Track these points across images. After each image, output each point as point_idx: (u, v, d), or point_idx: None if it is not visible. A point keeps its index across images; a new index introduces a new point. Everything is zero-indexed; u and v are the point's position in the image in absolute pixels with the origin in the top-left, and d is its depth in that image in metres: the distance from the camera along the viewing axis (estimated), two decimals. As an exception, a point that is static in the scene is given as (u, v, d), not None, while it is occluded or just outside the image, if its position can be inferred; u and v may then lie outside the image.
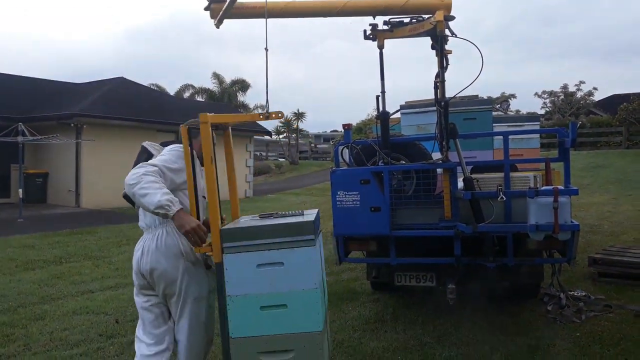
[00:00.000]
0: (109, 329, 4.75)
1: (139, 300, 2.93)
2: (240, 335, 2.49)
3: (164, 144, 3.07)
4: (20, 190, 12.96)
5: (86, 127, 15.43)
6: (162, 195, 2.58)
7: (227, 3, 3.64)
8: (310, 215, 2.68)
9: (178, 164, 2.81)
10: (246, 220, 2.87)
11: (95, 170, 15.54)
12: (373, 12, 4.07)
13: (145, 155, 2.99)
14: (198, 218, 2.73)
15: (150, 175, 2.63)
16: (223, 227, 2.63)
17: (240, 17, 3.89)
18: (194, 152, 2.83)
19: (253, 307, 2.47)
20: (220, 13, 3.72)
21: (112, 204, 15.55)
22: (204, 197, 2.92)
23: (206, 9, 3.78)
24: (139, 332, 2.92)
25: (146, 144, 3.10)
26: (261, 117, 3.09)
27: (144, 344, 2.85)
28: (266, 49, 3.09)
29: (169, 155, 2.85)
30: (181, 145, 2.80)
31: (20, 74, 19.69)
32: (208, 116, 2.66)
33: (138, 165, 2.72)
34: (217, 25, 3.83)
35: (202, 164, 2.83)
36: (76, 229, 11.23)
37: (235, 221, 2.96)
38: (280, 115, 3.05)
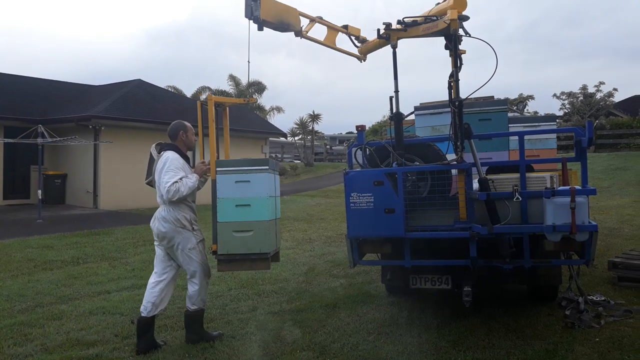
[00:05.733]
0: (124, 329, 4.78)
1: (156, 247, 4.40)
2: (223, 220, 4.17)
3: (159, 145, 4.47)
4: (40, 192, 13.16)
5: (104, 129, 15.64)
6: (190, 180, 4.24)
7: None
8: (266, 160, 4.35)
9: (179, 170, 4.25)
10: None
11: (113, 172, 15.72)
12: None
13: (152, 161, 4.43)
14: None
15: (176, 183, 4.17)
16: (217, 160, 4.30)
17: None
18: (184, 146, 4.46)
19: (231, 205, 4.15)
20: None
21: (129, 205, 15.71)
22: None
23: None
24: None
25: (152, 148, 4.48)
26: (244, 101, 5.13)
27: (153, 274, 4.37)
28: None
29: (170, 172, 4.20)
30: (170, 157, 4.25)
31: (39, 76, 20.04)
32: (212, 96, 4.48)
33: (165, 183, 4.16)
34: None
35: (185, 154, 4.46)
36: (94, 229, 11.37)
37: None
38: (254, 99, 4.89)
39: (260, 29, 4.36)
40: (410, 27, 4.27)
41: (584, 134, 4.03)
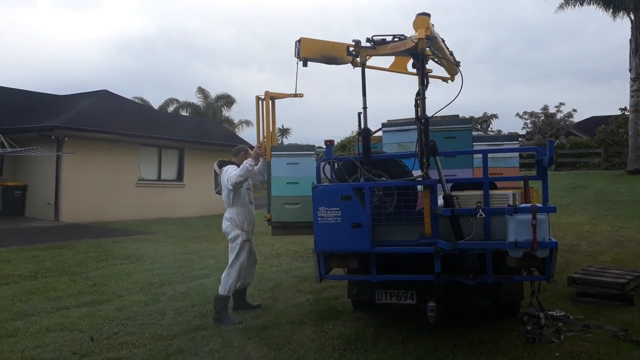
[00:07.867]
0: (83, 347, 4.64)
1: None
2: (277, 194, 5.06)
3: (220, 163, 5.64)
4: (-3, 203, 12.71)
5: (67, 140, 15.25)
6: (245, 165, 5.25)
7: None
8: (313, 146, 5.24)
9: (237, 172, 5.31)
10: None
11: (76, 184, 15.32)
12: None
13: (217, 176, 5.61)
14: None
15: (234, 175, 5.29)
16: (272, 146, 5.24)
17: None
18: (241, 163, 5.41)
19: (283, 182, 5.04)
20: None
21: (92, 218, 15.32)
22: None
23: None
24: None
25: (215, 165, 5.68)
26: (295, 95, 5.42)
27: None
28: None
29: (230, 172, 5.37)
30: (230, 168, 5.45)
31: (0, 84, 19.36)
32: (268, 92, 5.44)
33: (226, 181, 5.39)
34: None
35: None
36: (54, 243, 11.03)
37: None
38: (301, 94, 5.40)
39: (304, 65, 4.88)
40: (379, 45, 4.35)
41: (545, 153, 4.15)
